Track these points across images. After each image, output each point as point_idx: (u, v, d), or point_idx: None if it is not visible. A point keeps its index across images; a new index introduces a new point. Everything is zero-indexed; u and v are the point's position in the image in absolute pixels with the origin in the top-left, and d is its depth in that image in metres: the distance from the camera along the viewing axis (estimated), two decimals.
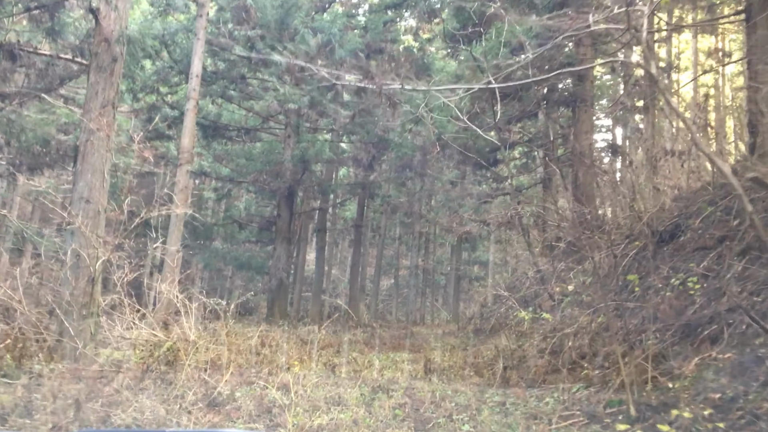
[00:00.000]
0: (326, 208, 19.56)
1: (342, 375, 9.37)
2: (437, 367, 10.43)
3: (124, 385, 6.26)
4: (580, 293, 10.97)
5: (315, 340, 13.03)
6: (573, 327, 8.67)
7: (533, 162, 24.17)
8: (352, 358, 12.57)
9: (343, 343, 15.74)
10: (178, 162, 14.32)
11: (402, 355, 14.08)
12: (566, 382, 7.08)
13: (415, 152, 17.36)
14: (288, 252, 17.94)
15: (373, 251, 36.38)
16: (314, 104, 16.25)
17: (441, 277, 43.12)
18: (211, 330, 10.72)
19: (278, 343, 11.95)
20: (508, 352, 10.74)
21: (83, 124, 9.87)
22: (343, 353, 13.51)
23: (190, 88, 14.39)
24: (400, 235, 38.10)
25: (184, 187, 13.87)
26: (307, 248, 28.15)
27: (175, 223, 13.68)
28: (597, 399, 6.02)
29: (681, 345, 6.53)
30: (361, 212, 24.42)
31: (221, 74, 18.51)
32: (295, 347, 11.63)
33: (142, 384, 6.60)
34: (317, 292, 21.16)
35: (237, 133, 19.44)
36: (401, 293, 39.13)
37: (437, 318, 38.21)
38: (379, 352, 14.03)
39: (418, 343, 20.06)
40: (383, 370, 10.21)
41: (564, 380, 7.25)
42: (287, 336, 13.52)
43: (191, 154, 14.16)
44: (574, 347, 7.67)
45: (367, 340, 18.98)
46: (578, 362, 7.64)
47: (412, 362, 12.49)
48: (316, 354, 11.55)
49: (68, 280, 9.20)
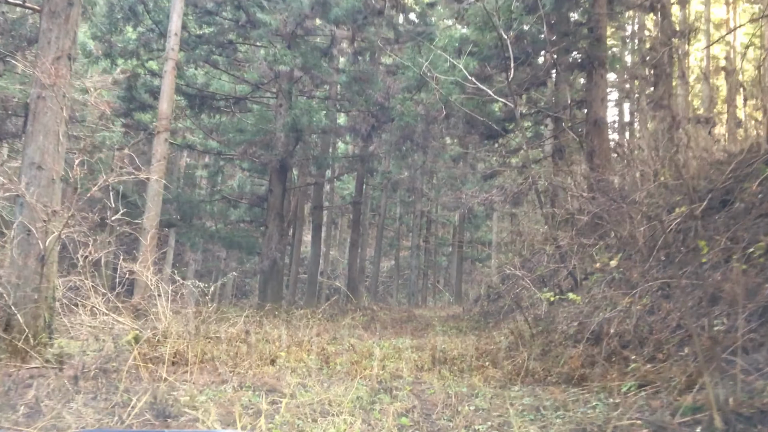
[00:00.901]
0: (322, 183, 18.16)
1: (337, 367, 8.06)
2: (446, 357, 9.13)
3: (53, 389, 4.93)
4: (607, 271, 9.63)
5: (308, 326, 11.74)
6: (609, 310, 7.33)
7: (541, 134, 22.71)
8: (350, 345, 11.27)
9: (340, 328, 14.44)
10: (155, 129, 12.92)
11: (405, 341, 12.77)
12: (610, 379, 5.75)
13: (418, 121, 15.94)
14: (281, 230, 16.58)
15: (372, 232, 35.05)
16: (308, 68, 14.81)
17: (442, 258, 41.89)
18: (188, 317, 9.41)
19: (266, 331, 10.63)
20: (528, 339, 9.43)
21: (34, 79, 8.47)
22: (339, 340, 12.20)
23: (169, 48, 12.96)
24: (400, 214, 36.79)
25: (162, 157, 12.50)
26: (304, 228, 26.77)
27: (153, 198, 12.33)
28: (660, 402, 4.69)
29: (760, 332, 5.18)
30: (360, 189, 23.01)
31: (207, 38, 17.04)
32: (285, 334, 10.32)
33: (81, 385, 5.27)
34: (313, 274, 19.86)
35: (225, 103, 17.99)
36: (402, 275, 37.87)
37: (439, 300, 37.01)
38: (379, 338, 12.72)
39: (421, 326, 18.77)
40: (385, 361, 8.91)
41: (606, 375, 5.92)
42: (277, 322, 12.20)
43: (169, 121, 12.77)
44: (614, 334, 6.33)
45: (367, 324, 17.68)
46: (620, 352, 6.31)
47: (417, 350, 11.19)
48: (308, 342, 10.25)
49: (15, 260, 7.84)
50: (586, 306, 8.30)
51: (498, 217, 34.09)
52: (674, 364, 5.34)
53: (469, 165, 25.45)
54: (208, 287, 9.63)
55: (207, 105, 17.92)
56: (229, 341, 8.64)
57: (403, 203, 35.61)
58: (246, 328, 9.49)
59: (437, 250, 39.96)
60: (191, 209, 16.77)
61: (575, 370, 6.26)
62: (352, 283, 25.01)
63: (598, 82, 16.63)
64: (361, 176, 22.41)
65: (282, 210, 16.78)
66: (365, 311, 21.61)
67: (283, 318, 12.67)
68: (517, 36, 14.82)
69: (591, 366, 6.35)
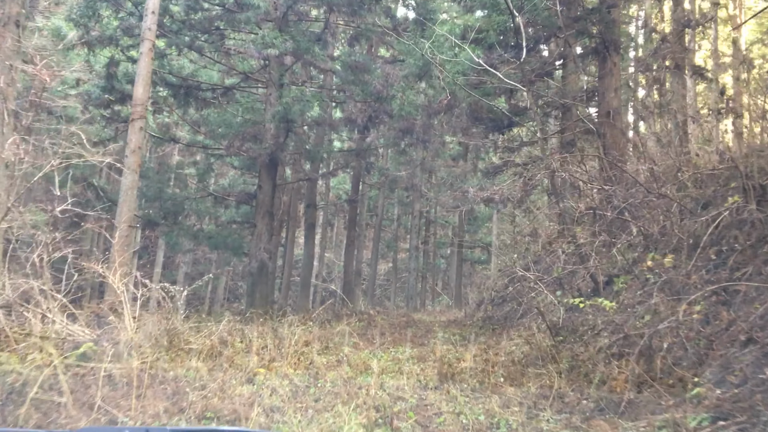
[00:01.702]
0: (315, 179, 16.93)
1: (327, 386, 6.85)
2: (453, 371, 7.93)
3: None
4: (634, 273, 8.45)
5: (293, 334, 10.51)
6: (648, 318, 6.14)
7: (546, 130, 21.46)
8: (344, 356, 10.09)
9: (334, 336, 13.24)
10: (130, 117, 11.70)
11: (405, 351, 11.58)
12: (668, 406, 4.55)
13: (419, 113, 14.76)
14: (271, 230, 15.38)
15: (369, 233, 33.85)
16: (300, 53, 13.62)
17: (441, 260, 40.72)
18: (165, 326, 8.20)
19: (249, 340, 9.42)
20: (546, 350, 8.24)
21: None
22: (333, 349, 11.00)
23: (145, 27, 11.77)
24: (398, 215, 35.61)
25: (137, 147, 11.30)
26: (297, 229, 25.55)
27: (126, 192, 11.12)
28: None
29: None
30: (357, 186, 21.82)
31: (191, 23, 15.85)
32: (270, 344, 9.11)
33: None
34: (306, 277, 18.65)
35: (213, 94, 16.78)
36: (400, 277, 36.67)
37: (438, 303, 35.79)
38: (377, 346, 11.52)
39: (422, 333, 17.55)
40: (383, 376, 7.72)
41: (661, 401, 4.72)
42: (264, 329, 10.98)
43: (145, 107, 11.57)
44: (667, 349, 5.13)
45: (364, 330, 16.48)
46: (673, 371, 5.11)
47: (419, 361, 10.00)
48: (296, 353, 9.04)
49: None
50: (618, 313, 7.11)
51: (498, 219, 32.98)
52: (756, 390, 4.14)
53: (471, 162, 24.29)
54: (183, 291, 8.43)
55: (192, 96, 16.70)
56: (202, 354, 7.42)
57: (401, 203, 34.46)
58: (224, 338, 8.27)
59: (436, 252, 38.79)
60: (175, 207, 15.54)
61: (619, 394, 5.07)
62: (347, 286, 23.82)
63: (612, 70, 15.48)
64: (357, 173, 21.21)
65: (272, 208, 15.58)
66: (361, 316, 20.39)
67: (270, 325, 11.44)
68: (528, 20, 13.65)
69: (637, 388, 5.15)
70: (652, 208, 8.97)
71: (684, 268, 6.54)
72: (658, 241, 8.79)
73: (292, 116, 13.71)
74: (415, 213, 28.82)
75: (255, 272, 15.12)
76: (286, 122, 13.93)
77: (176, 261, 34.32)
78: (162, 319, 7.45)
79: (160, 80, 16.85)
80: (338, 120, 15.37)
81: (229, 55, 16.88)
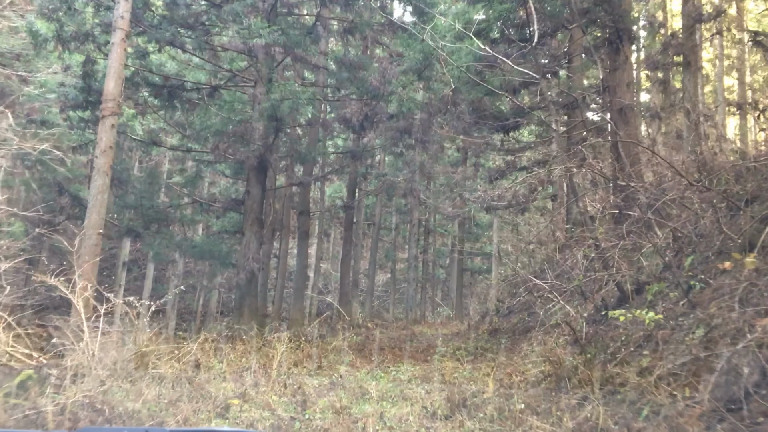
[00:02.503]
0: (308, 184, 15.78)
1: (316, 419, 5.73)
2: (465, 396, 6.80)
3: None
4: (672, 280, 7.36)
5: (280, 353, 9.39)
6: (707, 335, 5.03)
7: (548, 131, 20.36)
8: (338, 377, 8.96)
9: (328, 353, 12.10)
10: (100, 113, 10.59)
11: (406, 369, 10.46)
12: None
13: (419, 111, 13.72)
14: (260, 238, 14.27)
15: (367, 243, 32.75)
16: (290, 47, 12.56)
17: (440, 270, 39.62)
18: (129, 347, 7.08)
19: (229, 361, 8.30)
20: (571, 371, 7.13)
21: None
22: (326, 369, 9.87)
23: (117, 15, 10.71)
24: (396, 224, 34.51)
25: (108, 147, 10.19)
26: (290, 239, 24.40)
27: (96, 197, 10.02)
28: None
29: None
30: (353, 191, 20.69)
31: (172, 18, 14.82)
32: (254, 365, 7.99)
33: None
34: (300, 288, 17.52)
35: (198, 95, 15.70)
36: (398, 288, 35.52)
37: (438, 315, 34.61)
38: (375, 365, 10.40)
39: (423, 347, 16.41)
40: (383, 403, 6.60)
41: None
42: (247, 348, 9.84)
43: (118, 103, 10.48)
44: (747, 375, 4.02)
45: (361, 345, 15.35)
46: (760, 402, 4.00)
47: (424, 381, 8.88)
48: (284, 375, 7.91)
49: None
50: (659, 328, 6.01)
51: (498, 227, 31.94)
52: None
53: (472, 166, 23.22)
54: (150, 306, 7.32)
55: (177, 97, 15.62)
56: (171, 382, 6.29)
57: (400, 212, 33.39)
58: (200, 359, 7.14)
59: (436, 262, 37.66)
60: (157, 215, 14.42)
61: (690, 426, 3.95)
62: (344, 297, 22.69)
63: (624, 64, 14.48)
64: (353, 178, 20.13)
65: (261, 214, 14.47)
66: (359, 329, 19.26)
67: (256, 343, 10.28)
68: (536, 9, 12.62)
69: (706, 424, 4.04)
70: (684, 206, 7.91)
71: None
72: (694, 243, 7.72)
73: (281, 114, 12.63)
74: (414, 221, 27.76)
75: (243, 284, 13.99)
76: (275, 121, 12.86)
77: (167, 274, 33.19)
78: (120, 340, 6.32)
79: (143, 80, 15.81)
80: (332, 119, 14.30)
81: (214, 51, 15.84)
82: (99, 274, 38.29)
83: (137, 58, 15.74)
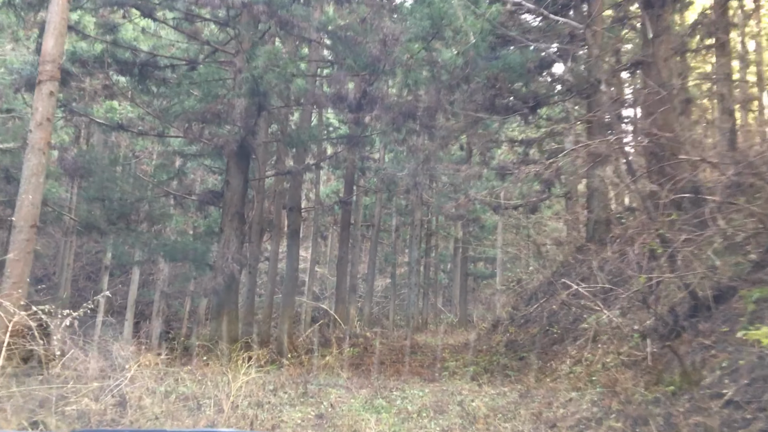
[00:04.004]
0: (299, 174, 13.69)
1: None
2: None
3: None
4: None
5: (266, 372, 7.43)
6: None
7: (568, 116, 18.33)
8: (328, 407, 6.98)
9: (319, 370, 10.09)
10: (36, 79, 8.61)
11: (413, 394, 8.43)
12: None
13: (428, 85, 11.77)
14: (241, 235, 12.30)
15: (365, 246, 30.77)
16: (274, 8, 10.57)
17: (442, 275, 37.69)
18: None
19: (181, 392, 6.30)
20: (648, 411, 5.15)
21: None
22: (313, 394, 7.85)
23: None
24: (397, 226, 32.53)
25: (45, 119, 8.22)
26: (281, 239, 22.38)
27: (29, 180, 8.04)
28: None
29: None
30: (350, 185, 18.69)
31: None
32: (220, 395, 6.01)
33: None
34: (289, 294, 15.52)
35: (174, 73, 13.74)
36: (399, 294, 33.47)
37: (441, 322, 32.61)
38: (374, 389, 8.38)
39: (429, 361, 14.44)
40: None
41: None
42: (217, 368, 7.83)
43: (58, 66, 8.54)
44: None
45: (357, 359, 13.37)
46: None
47: (437, 413, 6.90)
48: (254, 404, 5.91)
49: None
50: None
51: (503, 229, 30.06)
52: None
53: (479, 160, 21.25)
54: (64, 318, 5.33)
55: (149, 75, 13.67)
56: None
57: (400, 213, 31.45)
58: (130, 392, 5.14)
59: (438, 267, 35.69)
60: (123, 209, 12.42)
61: None
62: (340, 303, 20.72)
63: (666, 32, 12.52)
64: (351, 171, 18.14)
65: (243, 209, 12.50)
66: (356, 339, 17.29)
67: (225, 363, 8.24)
68: None
69: None
70: None
71: None
72: None
73: (264, 88, 10.65)
74: (416, 222, 25.77)
75: (222, 289, 11.99)
76: (257, 96, 10.87)
77: (153, 278, 31.20)
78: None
79: (111, 57, 13.86)
80: (325, 97, 12.34)
81: (190, 20, 13.85)
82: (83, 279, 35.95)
83: (106, 32, 13.85)
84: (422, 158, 17.18)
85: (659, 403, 5.01)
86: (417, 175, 17.32)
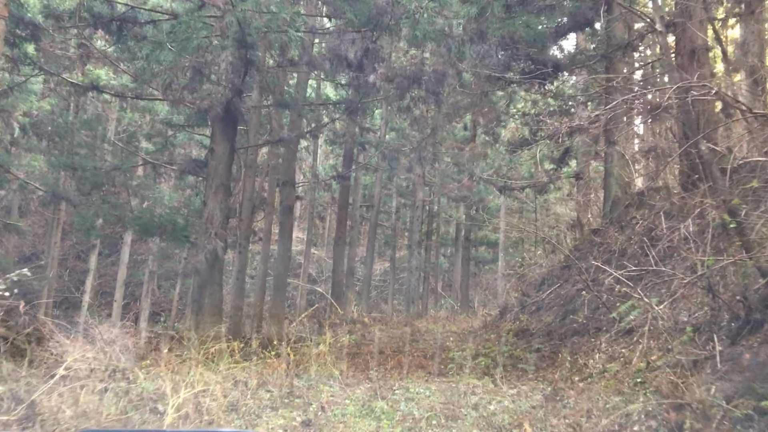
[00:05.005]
0: (293, 142, 12.30)
1: None
2: None
3: None
4: None
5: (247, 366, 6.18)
6: None
7: None
8: (317, 411, 5.76)
9: (310, 361, 8.85)
10: None
11: (418, 393, 7.19)
12: None
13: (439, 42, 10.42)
14: (226, 210, 11.02)
15: (365, 227, 29.46)
16: None
17: (443, 259, 36.52)
18: None
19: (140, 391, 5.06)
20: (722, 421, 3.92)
21: None
22: (299, 392, 6.61)
23: None
24: (397, 207, 31.28)
25: None
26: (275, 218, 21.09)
27: None
28: None
29: None
30: (349, 159, 17.36)
31: None
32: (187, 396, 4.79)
33: None
34: (281, 276, 14.28)
35: (156, 29, 12.38)
36: (398, 278, 32.27)
37: (442, 308, 31.48)
38: (371, 385, 7.15)
39: (432, 351, 13.19)
40: None
41: None
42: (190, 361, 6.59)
43: None
44: None
45: (355, 348, 12.15)
46: None
47: (449, 420, 5.68)
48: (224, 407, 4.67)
49: None
50: None
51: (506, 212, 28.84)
52: None
53: (490, 135, 19.92)
54: None
55: (128, 31, 12.32)
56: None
57: (401, 194, 30.18)
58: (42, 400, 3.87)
59: (438, 251, 34.49)
60: (95, 178, 11.13)
61: None
62: (337, 287, 19.51)
63: None
64: (349, 145, 16.83)
65: (228, 180, 11.22)
66: (353, 326, 16.09)
67: (202, 354, 6.98)
68: None
69: None
70: None
71: None
72: None
73: (252, 39, 9.33)
74: (417, 203, 24.49)
75: (204, 269, 10.73)
76: (245, 49, 9.55)
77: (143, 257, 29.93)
78: None
79: (88, 12, 12.51)
80: (321, 56, 11.01)
81: None
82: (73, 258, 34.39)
83: None
84: (429, 131, 15.92)
85: (752, 422, 3.77)
86: (421, 150, 16.06)
